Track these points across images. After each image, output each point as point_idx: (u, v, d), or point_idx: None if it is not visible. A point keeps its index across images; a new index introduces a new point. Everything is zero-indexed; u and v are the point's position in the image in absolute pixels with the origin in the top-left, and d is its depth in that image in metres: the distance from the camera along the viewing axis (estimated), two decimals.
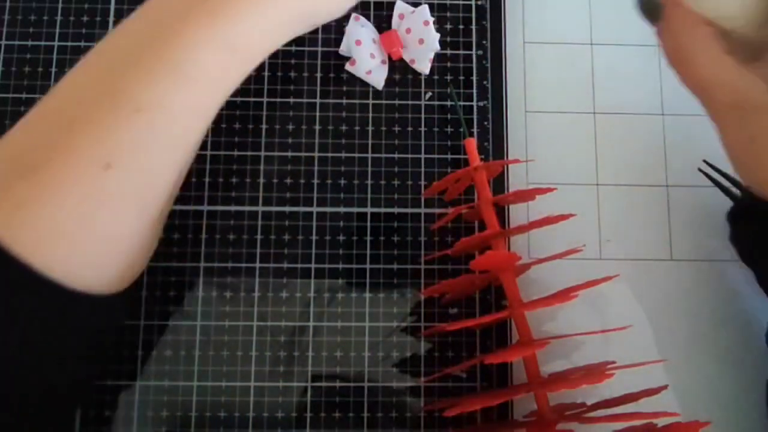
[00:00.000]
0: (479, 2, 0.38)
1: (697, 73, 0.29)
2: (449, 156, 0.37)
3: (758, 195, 0.29)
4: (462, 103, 0.37)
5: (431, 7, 0.37)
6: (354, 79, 0.37)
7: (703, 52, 0.28)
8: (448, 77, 0.37)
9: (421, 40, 0.36)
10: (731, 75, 0.28)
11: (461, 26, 0.38)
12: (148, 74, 0.25)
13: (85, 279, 0.25)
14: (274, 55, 0.31)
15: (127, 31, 0.27)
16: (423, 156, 0.36)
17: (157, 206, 0.27)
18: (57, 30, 0.37)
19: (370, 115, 0.37)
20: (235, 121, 0.36)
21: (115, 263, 0.26)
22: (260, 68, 0.36)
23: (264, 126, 0.36)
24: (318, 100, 0.37)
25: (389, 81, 0.37)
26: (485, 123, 0.37)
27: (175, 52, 0.25)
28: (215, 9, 0.26)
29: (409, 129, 0.37)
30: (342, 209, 0.36)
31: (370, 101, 0.37)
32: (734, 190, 0.34)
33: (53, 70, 0.37)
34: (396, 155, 0.36)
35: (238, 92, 0.29)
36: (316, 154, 0.36)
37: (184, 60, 0.25)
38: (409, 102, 0.37)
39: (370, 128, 0.37)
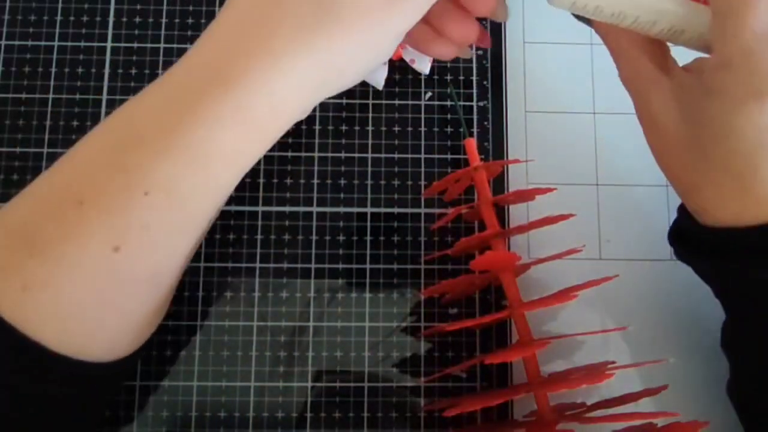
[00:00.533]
0: None
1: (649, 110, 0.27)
2: (449, 156, 0.37)
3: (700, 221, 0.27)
4: (462, 103, 0.37)
5: None
6: None
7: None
8: (448, 77, 0.37)
9: None
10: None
11: None
12: (159, 154, 0.24)
13: (96, 353, 0.25)
14: None
15: (140, 106, 0.26)
16: (423, 156, 0.36)
17: (169, 284, 0.27)
18: (57, 30, 0.37)
19: (370, 115, 0.37)
20: None
21: (125, 337, 0.26)
22: None
23: None
24: None
25: (389, 81, 0.37)
26: (485, 123, 0.37)
27: (187, 131, 0.24)
28: (227, 82, 0.24)
29: (409, 129, 0.37)
30: (342, 209, 0.36)
31: (370, 101, 0.37)
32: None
33: (53, 70, 0.37)
34: (396, 155, 0.36)
35: None
36: (316, 154, 0.36)
37: (198, 139, 0.24)
38: (409, 102, 0.37)
39: (370, 128, 0.37)
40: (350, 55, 0.26)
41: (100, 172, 0.24)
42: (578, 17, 0.27)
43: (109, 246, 0.24)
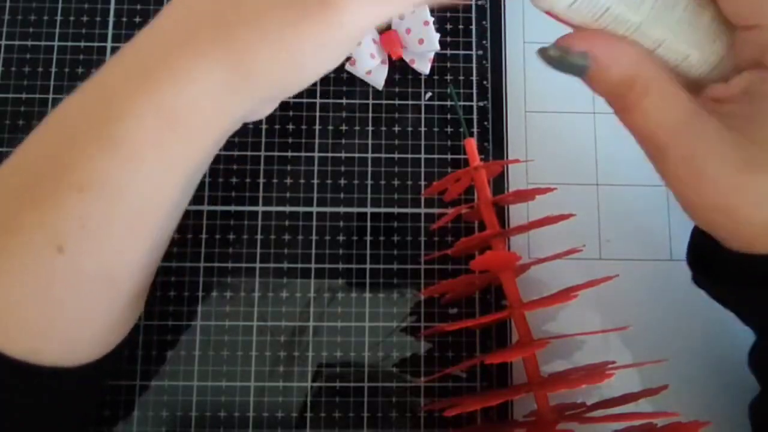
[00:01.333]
0: (479, 2, 0.38)
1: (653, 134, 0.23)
2: (449, 156, 0.37)
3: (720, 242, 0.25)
4: (462, 103, 0.37)
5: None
6: (354, 79, 0.37)
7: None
8: (448, 77, 0.37)
9: (421, 40, 0.36)
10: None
11: (461, 26, 0.38)
12: (85, 151, 0.24)
13: (52, 357, 0.25)
14: None
15: (72, 104, 0.26)
16: (423, 156, 0.36)
17: (127, 285, 0.26)
18: (57, 30, 0.37)
19: (370, 115, 0.37)
20: None
21: (83, 339, 0.26)
22: None
23: (264, 126, 0.36)
24: (318, 100, 0.37)
25: (389, 81, 0.37)
26: (485, 123, 0.37)
27: (110, 127, 0.24)
28: (153, 77, 0.24)
29: (409, 129, 0.37)
30: (342, 209, 0.36)
31: (370, 101, 0.37)
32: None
33: (53, 70, 0.37)
34: (396, 155, 0.36)
35: None
36: (316, 154, 0.36)
37: (122, 135, 0.24)
38: (409, 102, 0.37)
39: (370, 128, 0.37)
40: (271, 61, 0.24)
41: (34, 171, 0.24)
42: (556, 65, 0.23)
43: (52, 246, 0.23)
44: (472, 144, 0.34)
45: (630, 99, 0.22)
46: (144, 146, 0.24)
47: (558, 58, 0.22)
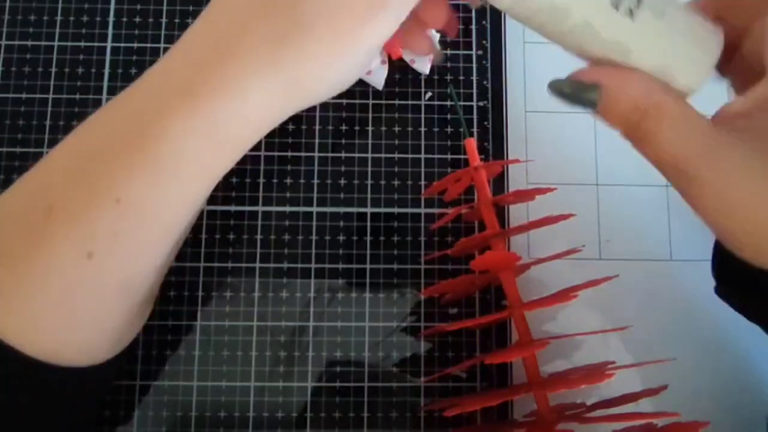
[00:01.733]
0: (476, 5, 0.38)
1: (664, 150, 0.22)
2: (449, 156, 0.37)
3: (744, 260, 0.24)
4: (462, 103, 0.37)
5: None
6: None
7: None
8: (448, 77, 0.37)
9: None
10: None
11: (461, 26, 0.38)
12: (126, 167, 0.24)
13: (71, 358, 0.25)
14: None
15: (109, 115, 0.25)
16: (423, 156, 0.36)
17: (144, 289, 0.27)
18: (57, 30, 0.37)
19: (370, 115, 0.37)
20: None
21: (100, 342, 0.26)
22: None
23: None
24: None
25: (389, 81, 0.37)
26: (485, 123, 0.37)
27: (153, 144, 0.24)
28: (195, 94, 0.24)
29: (409, 129, 0.37)
30: (342, 209, 0.36)
31: (370, 101, 0.37)
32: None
33: (53, 70, 0.37)
34: (396, 155, 0.36)
35: None
36: (316, 154, 0.36)
37: (165, 153, 0.24)
38: (409, 102, 0.37)
39: (370, 128, 0.37)
40: (321, 71, 0.25)
41: (70, 180, 0.24)
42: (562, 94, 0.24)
43: (82, 253, 0.24)
44: (472, 144, 0.34)
45: (645, 128, 0.22)
46: (187, 163, 0.24)
47: (570, 94, 0.23)
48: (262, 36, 0.24)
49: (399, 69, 0.37)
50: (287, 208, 0.36)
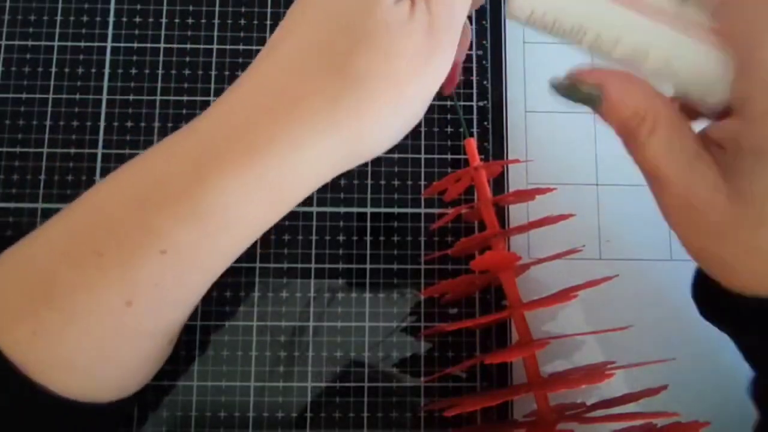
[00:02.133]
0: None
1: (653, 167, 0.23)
2: (449, 156, 0.37)
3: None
4: (462, 103, 0.37)
5: None
6: None
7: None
8: None
9: None
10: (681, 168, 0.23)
11: None
12: (175, 217, 0.23)
13: (99, 397, 0.25)
14: None
15: (164, 159, 0.25)
16: (423, 156, 0.36)
17: (173, 333, 0.27)
18: (57, 30, 0.37)
19: None
20: None
21: (129, 380, 0.27)
22: None
23: None
24: None
25: None
26: (485, 123, 0.37)
27: (204, 197, 0.23)
28: (252, 151, 0.23)
29: None
30: (342, 209, 0.36)
31: None
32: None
33: (53, 70, 0.37)
34: (396, 155, 0.36)
35: None
36: None
37: (216, 206, 0.23)
38: None
39: None
40: (380, 127, 0.24)
41: (120, 226, 0.24)
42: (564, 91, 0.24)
43: (122, 300, 0.23)
44: (472, 144, 0.34)
45: (640, 133, 0.23)
46: (237, 218, 0.24)
47: (569, 87, 0.23)
48: (320, 92, 0.23)
49: None
50: None
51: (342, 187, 0.36)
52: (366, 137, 0.24)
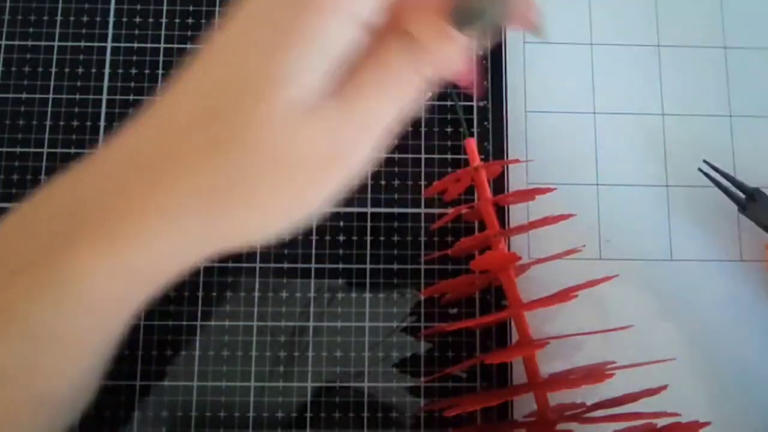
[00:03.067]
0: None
1: None
2: (449, 156, 0.37)
3: None
4: (462, 103, 0.37)
5: None
6: None
7: None
8: None
9: None
10: None
11: None
12: (33, 296, 0.21)
13: None
14: None
15: (16, 232, 0.22)
16: (423, 156, 0.36)
17: (60, 403, 0.24)
18: (57, 30, 0.37)
19: None
20: None
21: None
22: None
23: None
24: None
25: None
26: (485, 123, 0.37)
27: (63, 277, 0.21)
28: (111, 232, 0.20)
29: (409, 129, 0.37)
30: (342, 209, 0.36)
31: None
32: (734, 190, 0.33)
33: (53, 70, 0.37)
34: (396, 155, 0.36)
35: None
36: None
37: (76, 289, 0.21)
38: None
39: None
40: (263, 228, 0.21)
41: None
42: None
43: None
44: (472, 144, 0.34)
45: None
46: (100, 298, 0.21)
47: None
48: (192, 177, 0.20)
49: None
50: None
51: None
52: (246, 236, 0.22)
